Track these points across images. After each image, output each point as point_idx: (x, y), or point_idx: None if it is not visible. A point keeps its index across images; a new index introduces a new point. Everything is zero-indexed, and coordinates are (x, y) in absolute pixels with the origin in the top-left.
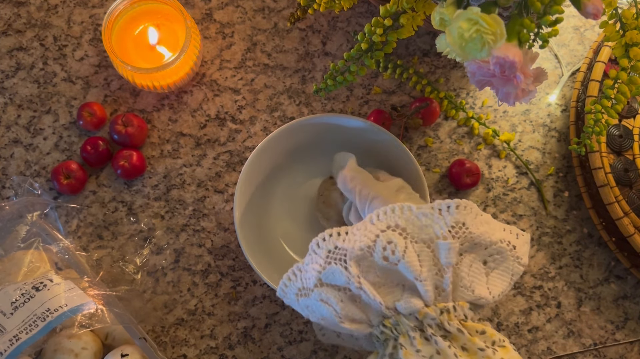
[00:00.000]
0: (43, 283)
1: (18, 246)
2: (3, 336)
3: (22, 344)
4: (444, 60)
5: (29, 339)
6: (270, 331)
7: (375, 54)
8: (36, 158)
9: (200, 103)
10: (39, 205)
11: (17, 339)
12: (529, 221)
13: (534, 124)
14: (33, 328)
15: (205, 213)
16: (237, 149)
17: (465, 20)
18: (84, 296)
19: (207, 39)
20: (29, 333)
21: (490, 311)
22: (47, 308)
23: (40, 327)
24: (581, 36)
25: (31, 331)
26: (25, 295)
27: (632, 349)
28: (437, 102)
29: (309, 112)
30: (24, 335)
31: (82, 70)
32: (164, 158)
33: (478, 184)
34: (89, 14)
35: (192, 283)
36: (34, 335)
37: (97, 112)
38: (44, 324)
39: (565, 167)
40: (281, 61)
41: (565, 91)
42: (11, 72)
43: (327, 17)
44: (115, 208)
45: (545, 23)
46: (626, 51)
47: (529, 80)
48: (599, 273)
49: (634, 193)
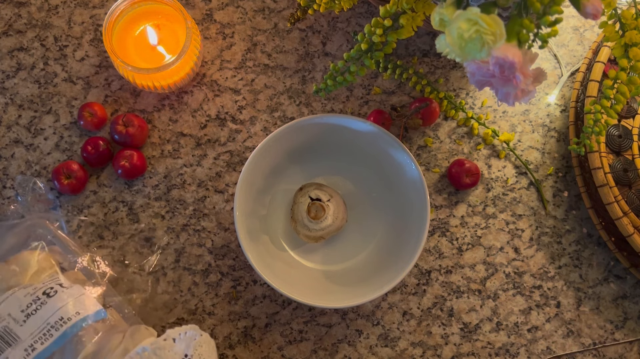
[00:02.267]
0: (53, 289)
1: (24, 246)
2: (18, 345)
3: (39, 355)
4: (443, 60)
5: (45, 351)
6: (270, 330)
7: (375, 55)
8: (37, 158)
9: (201, 103)
10: (43, 205)
11: (32, 349)
12: (529, 221)
13: (533, 124)
14: (48, 338)
15: (205, 213)
16: (238, 149)
17: (464, 21)
18: (96, 303)
19: (207, 39)
20: (44, 343)
21: (489, 311)
22: (60, 316)
23: (55, 337)
24: (580, 36)
25: (46, 341)
26: (37, 302)
27: (631, 349)
28: (437, 102)
29: (309, 112)
30: (40, 345)
31: (82, 71)
32: (164, 158)
33: (477, 184)
34: (89, 15)
35: (193, 283)
36: (49, 346)
37: (97, 112)
38: (59, 334)
39: (564, 167)
40: (281, 61)
41: (564, 91)
42: (12, 72)
43: (327, 17)
44: (115, 208)
45: (545, 23)
46: (625, 51)
47: (528, 81)
48: (599, 272)
49: (633, 193)
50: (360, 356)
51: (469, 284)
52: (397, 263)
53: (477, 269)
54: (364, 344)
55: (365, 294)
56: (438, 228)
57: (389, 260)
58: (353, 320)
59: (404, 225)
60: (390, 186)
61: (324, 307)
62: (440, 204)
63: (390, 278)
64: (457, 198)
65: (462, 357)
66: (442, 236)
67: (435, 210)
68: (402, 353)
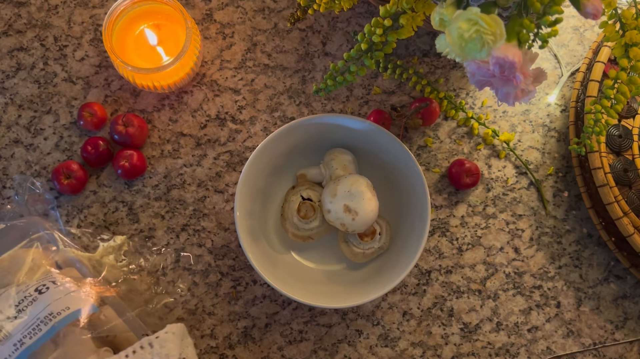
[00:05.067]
0: (45, 286)
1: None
2: (7, 340)
3: (27, 349)
4: (443, 60)
5: (33, 344)
6: (270, 330)
7: (375, 54)
8: (37, 158)
9: (201, 103)
10: (40, 204)
11: (21, 344)
12: (529, 221)
13: (533, 124)
14: (37, 332)
15: (205, 213)
16: (238, 149)
17: (464, 21)
18: (87, 299)
19: (207, 39)
20: (33, 338)
21: (490, 311)
22: (50, 311)
23: (44, 331)
24: (581, 36)
25: (35, 336)
26: (28, 298)
27: (631, 349)
28: (437, 102)
29: (309, 112)
30: (28, 340)
31: (82, 71)
32: (164, 158)
33: (478, 184)
34: (89, 14)
35: (193, 283)
36: (37, 339)
37: (97, 112)
38: (47, 329)
39: (564, 167)
40: (281, 61)
41: (564, 91)
42: (12, 72)
43: (327, 17)
44: (115, 208)
45: (545, 23)
46: (626, 51)
47: (528, 81)
48: (599, 272)
49: (634, 193)
50: (360, 356)
51: (469, 284)
52: (397, 263)
53: (477, 269)
54: (364, 344)
55: (365, 294)
56: (438, 228)
57: (389, 260)
58: (353, 320)
59: (404, 225)
60: (390, 186)
61: (324, 307)
62: (440, 204)
63: (391, 278)
64: (457, 198)
65: (462, 357)
66: (442, 236)
67: (435, 210)
68: (402, 353)
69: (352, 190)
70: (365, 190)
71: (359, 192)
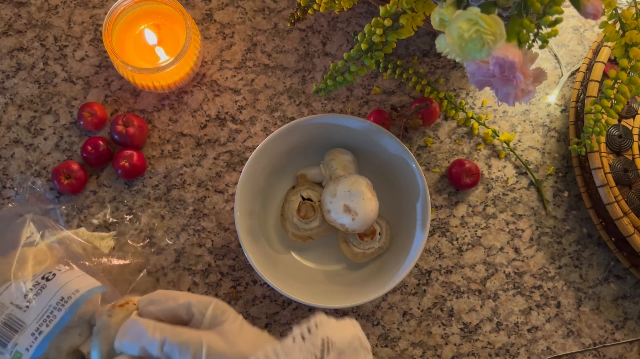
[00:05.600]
0: (52, 273)
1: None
2: (24, 330)
3: (46, 338)
4: (443, 60)
5: (51, 332)
6: (270, 330)
7: (375, 54)
8: (37, 158)
9: (201, 103)
10: (41, 203)
11: (40, 333)
12: (529, 221)
13: (533, 124)
14: (52, 319)
15: (205, 213)
16: (238, 149)
17: (464, 21)
18: (94, 281)
19: (207, 39)
20: (49, 325)
21: (490, 311)
22: (61, 296)
23: (59, 317)
24: (581, 36)
25: (51, 323)
26: (37, 286)
27: (631, 349)
28: (437, 102)
29: (309, 112)
30: (45, 328)
31: (82, 71)
32: (164, 158)
33: (478, 184)
34: (89, 14)
35: (193, 283)
36: (54, 326)
37: (97, 112)
38: (62, 315)
39: (564, 167)
40: (281, 61)
41: (564, 91)
42: (12, 72)
43: (327, 17)
44: (115, 208)
45: (545, 23)
46: (626, 51)
47: (528, 81)
48: (599, 272)
49: (634, 193)
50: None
51: (469, 284)
52: (397, 263)
53: (477, 269)
54: None
55: (365, 294)
56: (438, 228)
57: (389, 260)
58: None
59: (404, 225)
60: (390, 186)
61: (324, 307)
62: (440, 204)
63: (391, 278)
64: (457, 198)
65: (462, 357)
66: (442, 236)
67: (435, 210)
68: (402, 353)
69: (352, 190)
70: (365, 190)
71: (359, 192)
